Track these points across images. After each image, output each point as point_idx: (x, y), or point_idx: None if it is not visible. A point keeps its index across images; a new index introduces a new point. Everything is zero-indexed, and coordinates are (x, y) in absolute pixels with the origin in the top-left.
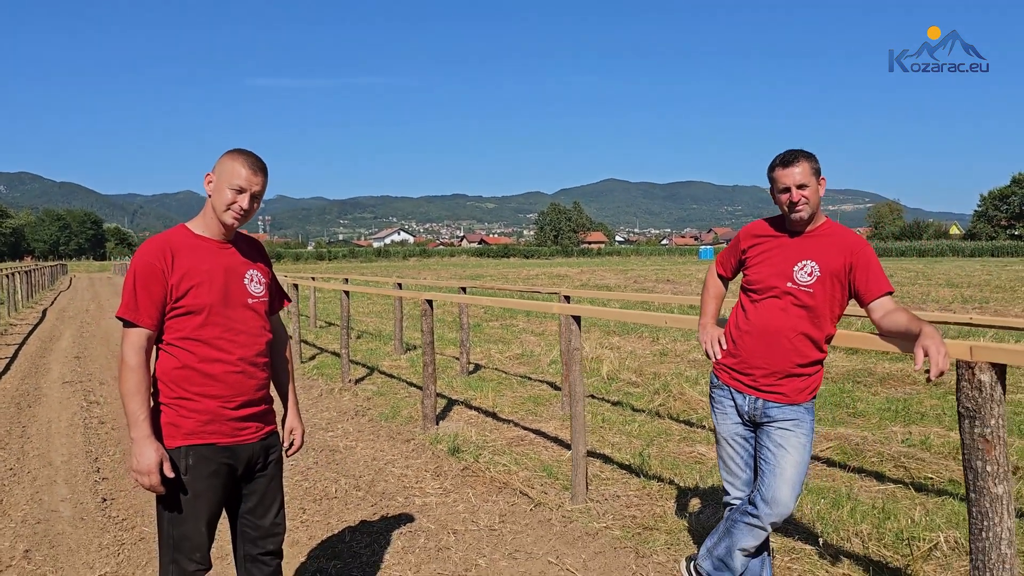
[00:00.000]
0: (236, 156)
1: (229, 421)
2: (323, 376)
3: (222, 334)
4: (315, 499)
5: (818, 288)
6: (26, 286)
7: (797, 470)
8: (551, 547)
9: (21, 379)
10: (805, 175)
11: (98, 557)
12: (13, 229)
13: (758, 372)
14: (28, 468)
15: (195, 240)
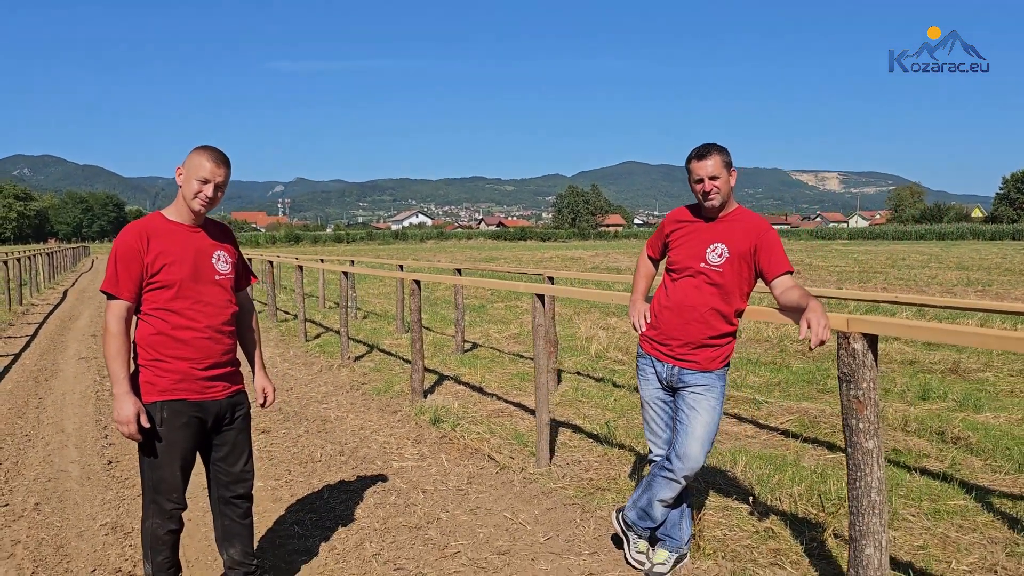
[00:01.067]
0: (202, 152)
1: (198, 380)
2: (324, 354)
3: (192, 305)
4: (301, 463)
5: (727, 268)
6: (48, 268)
7: (707, 430)
8: (508, 504)
9: (40, 355)
10: (717, 167)
11: (101, 510)
12: (37, 211)
13: (675, 343)
14: (42, 434)
15: (168, 225)
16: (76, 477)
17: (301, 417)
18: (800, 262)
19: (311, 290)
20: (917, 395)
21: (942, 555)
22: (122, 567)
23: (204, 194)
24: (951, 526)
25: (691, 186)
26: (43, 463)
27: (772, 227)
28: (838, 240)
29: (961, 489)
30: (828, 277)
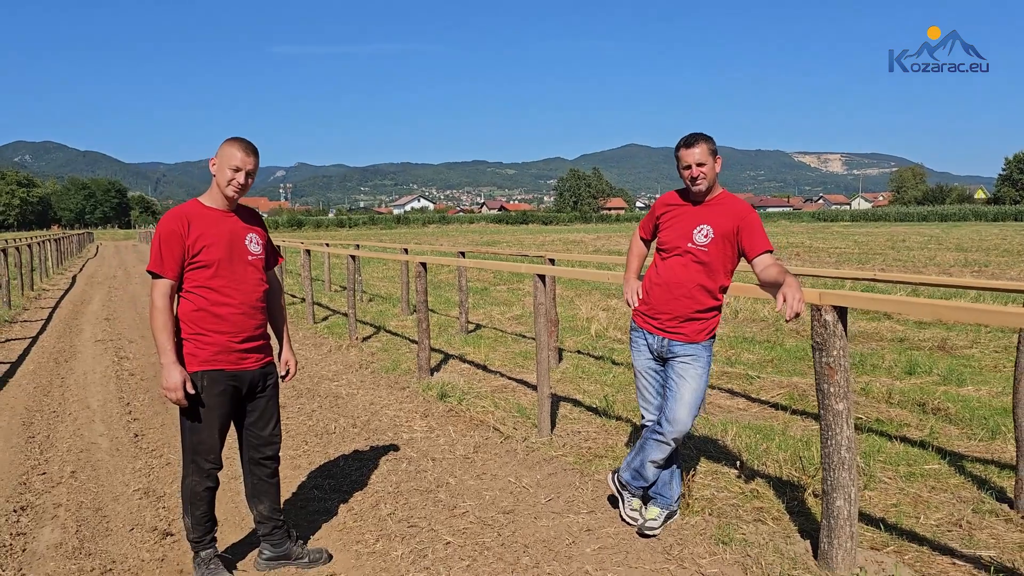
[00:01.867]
0: (233, 143)
1: (234, 352)
2: (333, 335)
3: (228, 284)
4: (317, 435)
5: (712, 247)
6: (56, 253)
7: (693, 396)
8: (512, 470)
9: (57, 338)
10: (703, 155)
11: (132, 477)
12: (40, 198)
13: (664, 316)
14: (69, 411)
15: (205, 210)
16: (106, 448)
17: (314, 394)
18: (800, 244)
19: (317, 274)
20: (904, 370)
21: (912, 512)
22: (157, 526)
23: (236, 181)
24: (924, 487)
25: (679, 172)
26: (73, 436)
27: (754, 209)
28: (840, 222)
29: (937, 455)
30: (827, 259)
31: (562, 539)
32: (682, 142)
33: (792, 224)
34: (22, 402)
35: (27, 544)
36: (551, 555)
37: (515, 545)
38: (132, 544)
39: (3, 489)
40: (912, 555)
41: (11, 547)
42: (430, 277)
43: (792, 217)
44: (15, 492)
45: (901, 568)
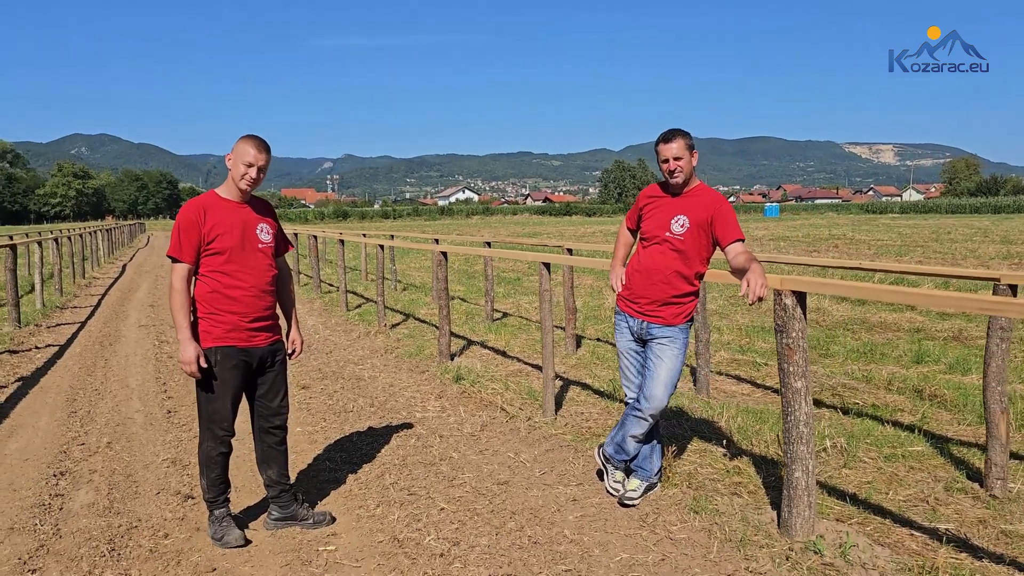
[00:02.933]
0: (247, 140)
1: (245, 330)
2: (363, 322)
3: (239, 269)
4: (336, 413)
5: (688, 236)
6: (107, 243)
7: (670, 375)
8: (513, 447)
9: (104, 323)
10: (680, 150)
11: (162, 448)
12: (95, 189)
13: (643, 300)
14: (110, 389)
15: (221, 201)
16: (140, 423)
17: (338, 376)
18: (842, 236)
19: (355, 264)
20: (912, 359)
21: (884, 488)
22: (181, 490)
23: (249, 175)
24: (903, 467)
25: (659, 165)
26: (112, 411)
27: (727, 201)
28: (888, 214)
29: (924, 438)
30: (866, 251)
31: (548, 507)
32: (661, 137)
33: (839, 216)
34: (68, 381)
35: (64, 504)
36: (535, 520)
37: (503, 512)
38: (157, 505)
39: (45, 456)
40: (874, 526)
41: (49, 506)
42: (463, 267)
43: (840, 209)
44: (56, 459)
45: (858, 536)
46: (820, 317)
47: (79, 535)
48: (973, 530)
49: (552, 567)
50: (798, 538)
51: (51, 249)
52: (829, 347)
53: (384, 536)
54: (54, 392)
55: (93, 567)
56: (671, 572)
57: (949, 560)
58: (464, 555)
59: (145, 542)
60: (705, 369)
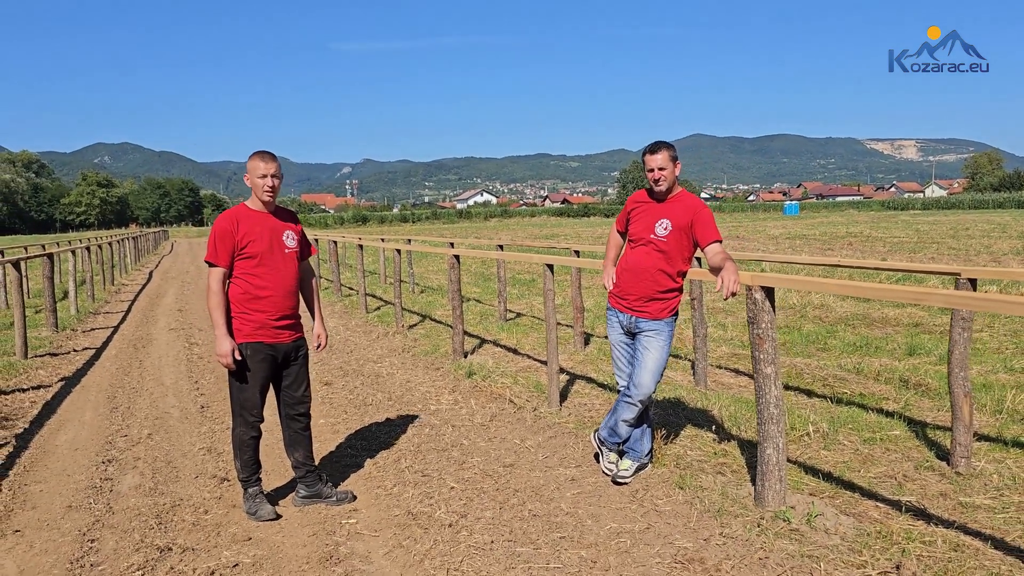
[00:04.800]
0: (255, 156)
1: (272, 328)
2: (382, 323)
3: (268, 272)
4: (356, 406)
5: (671, 238)
6: (134, 251)
7: (656, 364)
8: (519, 434)
9: (135, 327)
10: (664, 160)
11: (198, 439)
12: (119, 198)
13: (631, 297)
14: (146, 387)
15: (251, 212)
16: (177, 416)
17: (358, 373)
18: (859, 234)
19: (374, 268)
20: (905, 352)
21: (858, 467)
22: (217, 474)
23: (267, 185)
24: (879, 449)
25: (645, 174)
26: (150, 407)
27: (706, 205)
28: (909, 211)
29: (903, 423)
30: (880, 248)
31: (549, 486)
32: (647, 149)
33: (859, 213)
34: (107, 380)
35: (113, 486)
36: (536, 497)
37: (507, 490)
38: (196, 487)
39: (93, 447)
40: (844, 499)
41: (100, 488)
42: (480, 269)
43: (861, 206)
44: (102, 448)
45: (825, 507)
46: (823, 314)
47: (129, 512)
48: (933, 502)
49: (548, 535)
50: (770, 508)
51: (83, 257)
52: (827, 341)
53: (400, 511)
54: (95, 390)
55: (144, 537)
56: (654, 538)
57: (904, 527)
58: (471, 525)
59: (188, 517)
60: (703, 362)
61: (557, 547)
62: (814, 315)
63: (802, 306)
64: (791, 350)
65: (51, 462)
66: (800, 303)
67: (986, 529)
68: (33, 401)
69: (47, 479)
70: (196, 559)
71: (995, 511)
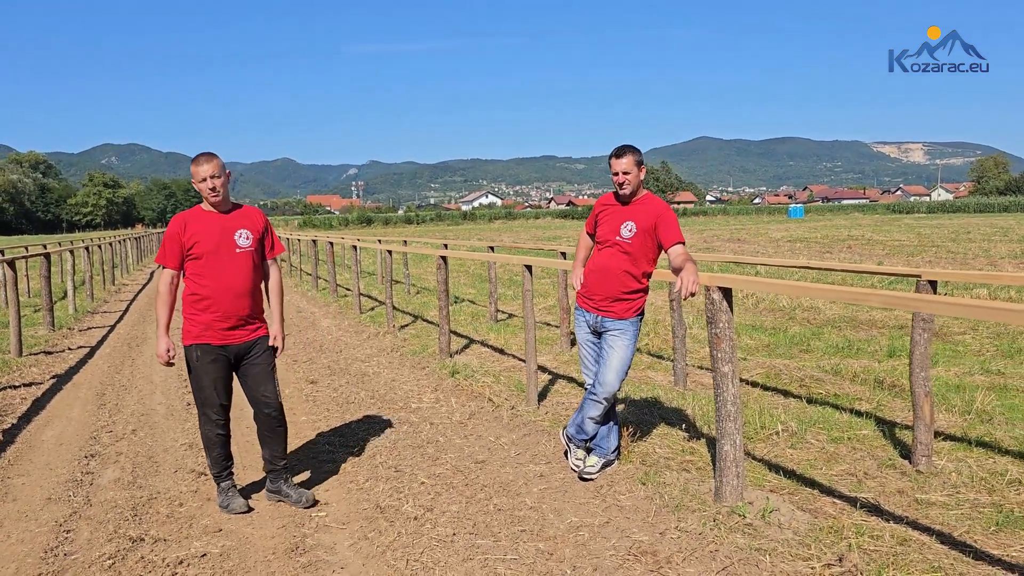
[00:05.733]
0: (193, 162)
1: (219, 330)
2: (374, 323)
3: (212, 273)
4: (338, 404)
5: (635, 240)
6: (136, 251)
7: (621, 363)
8: (495, 431)
9: (132, 326)
10: (629, 165)
11: (181, 434)
12: (125, 198)
13: (598, 297)
14: (135, 384)
15: (202, 214)
16: (162, 413)
17: (344, 372)
18: (860, 237)
19: (373, 269)
20: (886, 354)
21: (821, 464)
22: (195, 469)
23: (206, 187)
24: (845, 448)
25: (611, 177)
26: (137, 403)
27: (670, 208)
28: (914, 214)
29: (873, 423)
30: (880, 251)
31: (517, 482)
32: (613, 153)
33: (864, 216)
34: (97, 378)
35: (94, 480)
36: (503, 492)
37: (476, 485)
38: (174, 481)
39: (77, 442)
40: (803, 496)
41: (81, 481)
42: (479, 272)
43: (866, 210)
44: (87, 444)
45: (782, 503)
46: (812, 316)
47: (106, 504)
48: (890, 499)
49: (510, 528)
50: (727, 504)
51: (83, 257)
52: (811, 343)
53: (368, 504)
54: (85, 388)
55: (118, 528)
56: (612, 532)
57: (856, 522)
58: (435, 519)
59: (163, 509)
60: (682, 363)
61: (517, 540)
62: (802, 317)
63: (791, 308)
64: (774, 351)
65: (35, 456)
66: (790, 305)
67: (936, 525)
68: (24, 398)
69: (30, 472)
70: (167, 549)
71: (948, 508)
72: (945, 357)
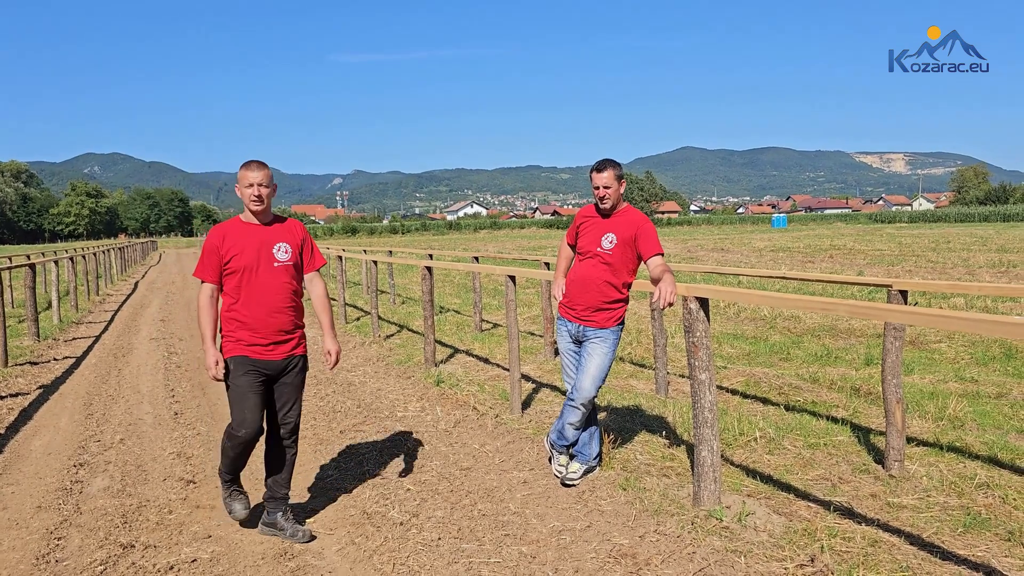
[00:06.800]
0: (243, 166)
1: (258, 346)
2: (360, 333)
3: (249, 288)
4: (325, 413)
5: (616, 251)
6: (120, 261)
7: (598, 371)
8: (480, 439)
9: (117, 336)
10: (609, 179)
11: (169, 444)
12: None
13: (579, 307)
14: (123, 394)
15: (241, 225)
16: (150, 423)
17: (331, 382)
18: (842, 246)
19: (358, 279)
20: (863, 361)
21: (797, 469)
22: (184, 477)
23: (252, 194)
24: (822, 454)
25: (592, 191)
26: (124, 413)
27: (649, 220)
28: (896, 224)
29: (849, 429)
30: (861, 261)
31: (501, 488)
32: (594, 167)
33: (846, 226)
34: (84, 388)
35: (83, 488)
36: (487, 498)
37: (461, 491)
38: (163, 489)
39: (66, 451)
40: (779, 500)
41: (71, 489)
42: (465, 282)
43: (848, 219)
44: (75, 453)
45: (758, 507)
46: (792, 325)
47: (96, 512)
48: (863, 503)
49: (494, 532)
50: (704, 508)
51: (67, 267)
52: (791, 351)
53: (356, 511)
54: (72, 398)
55: (108, 535)
56: (593, 536)
57: (829, 524)
58: (421, 524)
59: (152, 517)
60: (663, 371)
61: (500, 544)
62: (783, 326)
63: (772, 317)
64: (754, 360)
65: (24, 466)
66: (771, 314)
67: (906, 527)
68: (10, 408)
69: (19, 481)
70: (157, 555)
71: (919, 511)
72: (921, 365)
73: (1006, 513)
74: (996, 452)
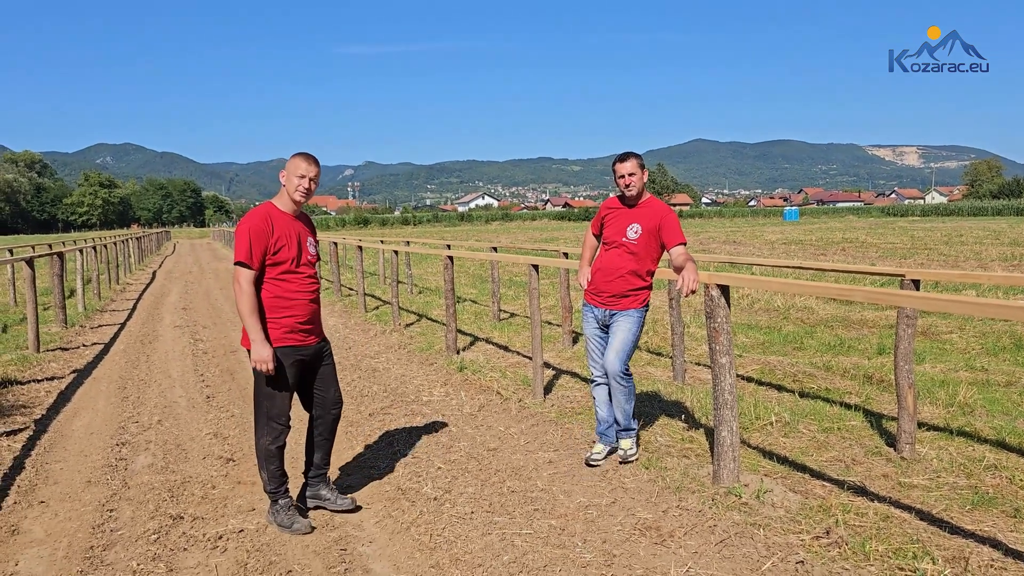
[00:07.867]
0: (299, 156)
1: (300, 332)
2: (380, 322)
3: (296, 277)
4: (352, 397)
5: (641, 241)
6: (137, 251)
7: (623, 346)
8: (504, 423)
9: (141, 324)
10: (634, 167)
11: (205, 424)
12: (120, 198)
13: (605, 294)
14: (155, 379)
15: (281, 214)
16: (184, 405)
17: (356, 367)
18: (854, 239)
19: (374, 269)
20: (876, 351)
21: (812, 451)
22: (223, 455)
23: (303, 186)
24: (835, 437)
25: (616, 181)
26: (158, 397)
27: (672, 210)
28: (908, 217)
29: (861, 415)
30: (873, 254)
31: (528, 467)
32: (617, 158)
33: (858, 219)
34: (116, 372)
35: (128, 465)
36: (515, 476)
37: (490, 470)
38: (204, 467)
39: (107, 431)
40: (795, 479)
41: (116, 466)
42: (480, 272)
43: (861, 212)
44: (116, 433)
45: (775, 485)
46: (806, 315)
47: (143, 486)
48: (875, 482)
49: (523, 507)
50: (724, 485)
51: (89, 256)
52: (805, 341)
53: (390, 487)
54: (106, 382)
55: (158, 507)
56: (618, 510)
57: (843, 501)
58: (454, 499)
59: (197, 491)
60: (680, 359)
61: (531, 517)
62: (796, 317)
63: (786, 308)
64: (769, 349)
65: (69, 444)
66: (784, 305)
67: (917, 504)
68: (48, 391)
69: (66, 459)
70: (206, 526)
71: (929, 490)
72: (932, 354)
73: (1013, 492)
74: (1004, 436)
